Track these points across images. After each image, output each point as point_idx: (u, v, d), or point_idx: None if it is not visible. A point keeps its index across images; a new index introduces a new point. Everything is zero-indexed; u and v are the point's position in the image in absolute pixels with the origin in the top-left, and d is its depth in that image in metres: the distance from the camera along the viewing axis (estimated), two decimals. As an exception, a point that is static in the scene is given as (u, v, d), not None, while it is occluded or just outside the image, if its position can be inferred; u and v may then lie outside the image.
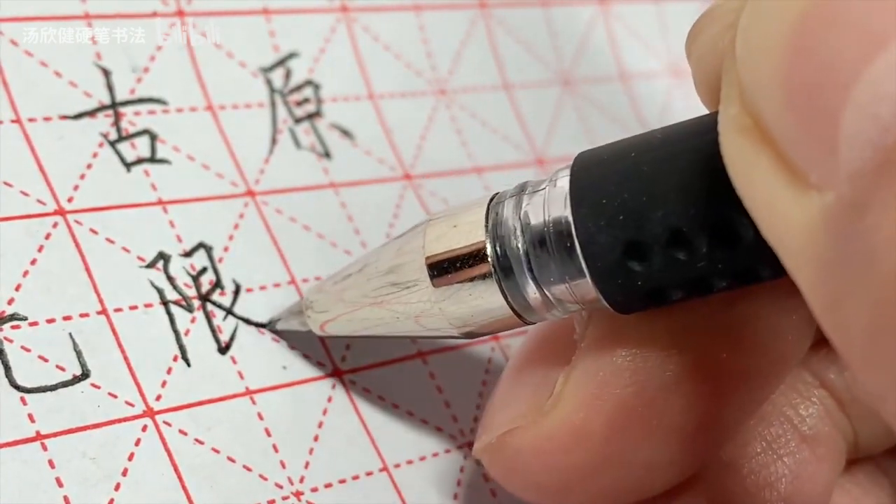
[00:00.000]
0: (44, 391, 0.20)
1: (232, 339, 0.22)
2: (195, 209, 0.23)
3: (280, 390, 0.22)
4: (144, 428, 0.21)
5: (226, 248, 0.23)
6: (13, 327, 0.20)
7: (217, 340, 0.22)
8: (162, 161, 0.23)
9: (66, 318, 0.21)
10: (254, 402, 0.22)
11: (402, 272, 0.20)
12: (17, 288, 0.21)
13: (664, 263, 0.17)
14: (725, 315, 0.19)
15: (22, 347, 0.20)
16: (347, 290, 0.22)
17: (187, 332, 0.22)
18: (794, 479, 0.21)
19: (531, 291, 0.19)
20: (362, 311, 0.21)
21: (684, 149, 0.17)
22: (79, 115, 0.23)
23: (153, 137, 0.24)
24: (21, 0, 0.23)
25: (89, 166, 0.23)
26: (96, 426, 0.20)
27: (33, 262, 0.21)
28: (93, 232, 0.22)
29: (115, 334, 0.21)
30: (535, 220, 0.19)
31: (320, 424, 0.23)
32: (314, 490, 0.22)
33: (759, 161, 0.15)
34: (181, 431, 0.21)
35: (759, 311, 0.19)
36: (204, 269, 0.23)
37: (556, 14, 0.32)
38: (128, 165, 0.23)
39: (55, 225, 0.22)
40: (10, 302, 0.20)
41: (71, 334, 0.21)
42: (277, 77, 0.26)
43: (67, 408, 0.20)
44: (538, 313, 0.19)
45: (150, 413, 0.21)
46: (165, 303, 0.22)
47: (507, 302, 0.19)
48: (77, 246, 0.22)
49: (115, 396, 0.21)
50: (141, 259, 0.22)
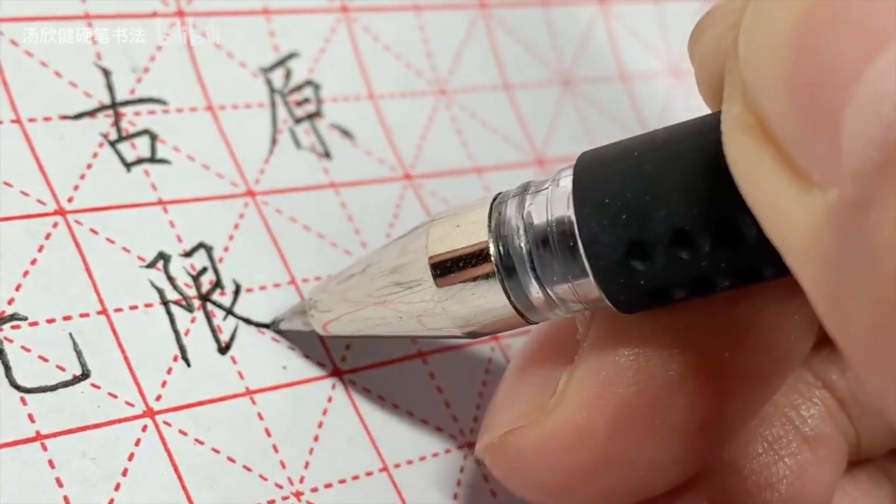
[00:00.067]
0: (44, 391, 0.20)
1: (232, 339, 0.22)
2: (195, 209, 0.23)
3: (280, 390, 0.22)
4: (144, 428, 0.21)
5: (226, 248, 0.23)
6: (13, 327, 0.20)
7: (217, 340, 0.22)
8: (162, 161, 0.23)
9: (67, 318, 0.21)
10: (254, 402, 0.22)
11: (405, 272, 0.20)
12: (18, 288, 0.21)
13: (667, 263, 0.17)
14: (728, 315, 0.19)
15: (22, 347, 0.20)
16: (350, 290, 0.21)
17: (187, 332, 0.22)
18: (795, 480, 0.21)
19: (534, 291, 0.19)
20: (365, 310, 0.21)
21: (687, 148, 0.17)
22: (79, 115, 0.23)
23: (153, 137, 0.24)
24: (21, 0, 0.23)
25: (89, 166, 0.23)
26: (96, 426, 0.20)
27: (33, 262, 0.21)
28: (93, 232, 0.22)
29: (116, 334, 0.21)
30: (538, 219, 0.19)
31: (320, 424, 0.23)
32: (314, 490, 0.22)
33: (761, 160, 0.15)
34: (181, 431, 0.21)
35: (761, 311, 0.19)
36: (204, 269, 0.23)
37: (556, 14, 0.32)
38: (128, 165, 0.23)
39: (55, 225, 0.22)
40: (11, 302, 0.20)
41: (71, 334, 0.21)
42: (277, 77, 0.26)
43: (67, 408, 0.20)
44: (541, 313, 0.19)
45: (150, 413, 0.21)
46: (165, 303, 0.22)
47: (510, 301, 0.19)
48: (77, 246, 0.22)
49: (115, 396, 0.21)
50: (141, 259, 0.22)
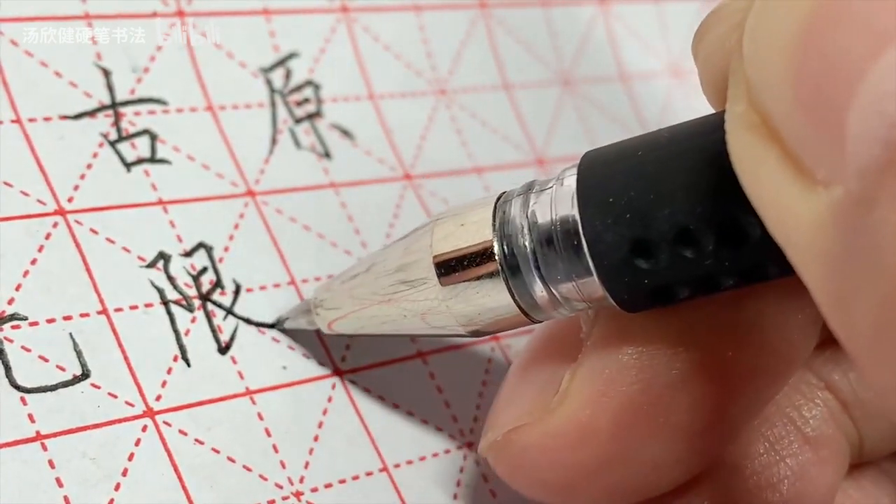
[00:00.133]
0: (44, 391, 0.20)
1: (232, 339, 0.22)
2: (195, 209, 0.23)
3: (280, 390, 0.22)
4: (144, 428, 0.21)
5: (226, 248, 0.23)
6: (13, 327, 0.20)
7: (217, 340, 0.22)
8: (162, 161, 0.23)
9: (67, 318, 0.21)
10: (254, 402, 0.22)
11: (409, 271, 0.20)
12: (18, 288, 0.21)
13: (671, 261, 0.17)
14: (732, 314, 0.19)
15: (22, 347, 0.20)
16: (355, 289, 0.22)
17: (187, 332, 0.22)
18: (796, 481, 0.21)
19: (538, 290, 0.19)
20: (370, 309, 0.21)
21: (690, 147, 0.17)
22: (79, 115, 0.23)
23: (153, 137, 0.24)
24: (21, 0, 0.23)
25: (89, 166, 0.23)
26: (96, 426, 0.20)
27: (33, 262, 0.21)
28: (93, 232, 0.22)
29: (116, 334, 0.21)
30: (543, 218, 0.19)
31: (320, 424, 0.23)
32: (314, 490, 0.22)
33: (766, 158, 0.15)
34: (181, 431, 0.21)
35: (765, 311, 0.19)
36: (204, 269, 0.23)
37: (556, 14, 0.32)
38: (128, 165, 0.23)
39: (55, 225, 0.22)
40: (11, 302, 0.20)
41: (71, 334, 0.21)
42: (277, 77, 0.26)
43: (67, 408, 0.20)
44: (545, 312, 0.20)
45: (150, 413, 0.21)
46: (166, 303, 0.22)
47: (515, 300, 0.19)
48: (77, 246, 0.22)
49: (115, 396, 0.21)
50: (141, 259, 0.22)
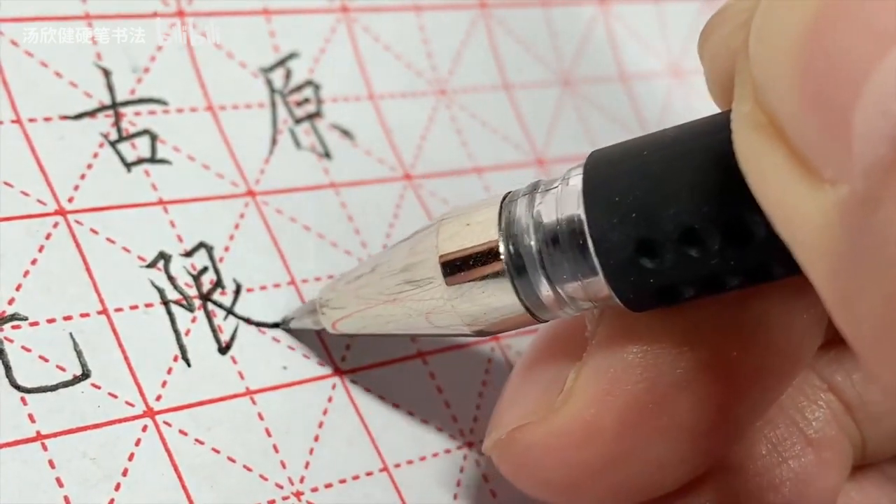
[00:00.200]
0: (44, 391, 0.20)
1: (232, 339, 0.22)
2: (196, 209, 0.23)
3: (280, 390, 0.22)
4: (145, 428, 0.21)
5: (226, 248, 0.23)
6: (13, 327, 0.20)
7: (217, 340, 0.22)
8: (162, 161, 0.23)
9: (67, 318, 0.21)
10: (254, 402, 0.22)
11: (415, 270, 0.20)
12: (18, 288, 0.21)
13: (676, 261, 0.17)
14: (737, 313, 0.19)
15: (22, 347, 0.20)
16: (361, 289, 0.22)
17: (188, 332, 0.22)
18: (798, 483, 0.20)
19: (544, 289, 0.19)
20: (375, 309, 0.21)
21: (696, 147, 0.17)
22: (79, 116, 0.23)
23: (153, 137, 0.24)
24: (21, 0, 0.23)
25: (90, 166, 0.23)
26: (96, 426, 0.20)
27: (34, 262, 0.21)
28: (93, 232, 0.22)
29: (116, 334, 0.21)
30: (548, 218, 0.19)
31: (321, 424, 0.23)
32: (314, 490, 0.22)
33: (772, 157, 0.15)
34: (181, 431, 0.21)
35: (770, 310, 0.19)
36: (205, 269, 0.23)
37: (556, 14, 0.32)
38: (128, 165, 0.23)
39: (55, 225, 0.22)
40: (11, 302, 0.20)
41: (71, 334, 0.21)
42: (277, 77, 0.26)
43: (68, 408, 0.20)
44: (550, 311, 0.19)
45: (150, 413, 0.21)
46: (166, 302, 0.22)
47: (520, 300, 0.19)
48: (77, 246, 0.22)
49: (116, 396, 0.21)
50: (141, 259, 0.22)
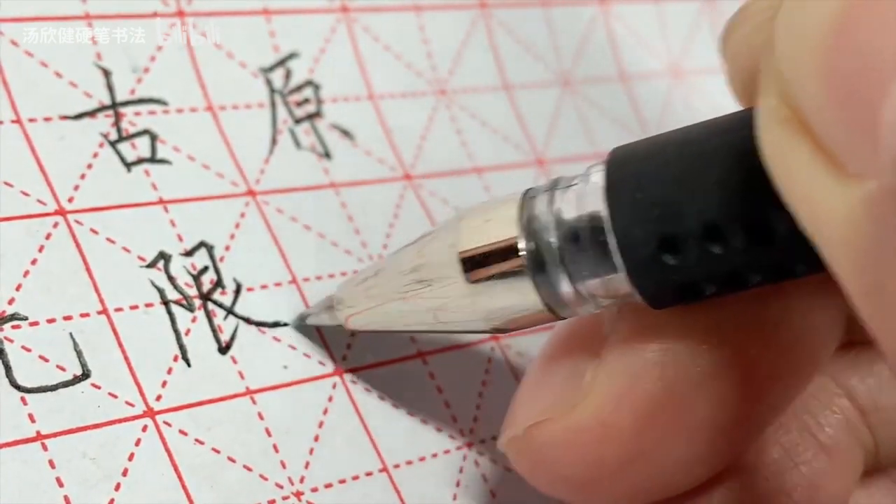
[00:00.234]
0: (44, 391, 0.20)
1: (232, 338, 0.22)
2: (196, 209, 0.23)
3: (280, 390, 0.22)
4: (145, 428, 0.21)
5: (227, 248, 0.23)
6: (14, 327, 0.20)
7: (217, 340, 0.22)
8: (162, 161, 0.23)
9: (67, 318, 0.21)
10: (254, 401, 0.22)
11: (433, 267, 0.20)
12: (18, 288, 0.21)
13: (699, 258, 0.17)
14: (757, 311, 0.19)
15: (22, 347, 0.20)
16: (379, 285, 0.21)
17: (188, 332, 0.22)
18: (809, 488, 0.20)
19: (564, 287, 0.19)
20: (392, 305, 0.21)
21: (720, 143, 0.17)
22: (79, 116, 0.23)
23: (153, 137, 0.24)
24: (21, 0, 0.23)
25: (90, 166, 0.23)
26: (96, 426, 0.20)
27: (34, 262, 0.21)
28: (93, 232, 0.22)
29: (116, 334, 0.21)
30: (569, 214, 0.19)
31: (321, 424, 0.23)
32: (314, 490, 0.22)
33: (798, 152, 0.15)
34: (181, 431, 0.21)
35: (790, 309, 0.19)
36: (205, 269, 0.23)
37: (556, 14, 0.32)
38: (128, 165, 0.23)
39: (55, 225, 0.22)
40: (11, 302, 0.20)
41: (71, 334, 0.21)
42: (277, 77, 0.26)
43: (68, 408, 0.20)
44: (570, 308, 0.19)
45: (150, 413, 0.21)
46: (166, 302, 0.22)
47: (540, 297, 0.19)
48: (77, 246, 0.22)
49: (116, 396, 0.21)
50: (141, 259, 0.22)
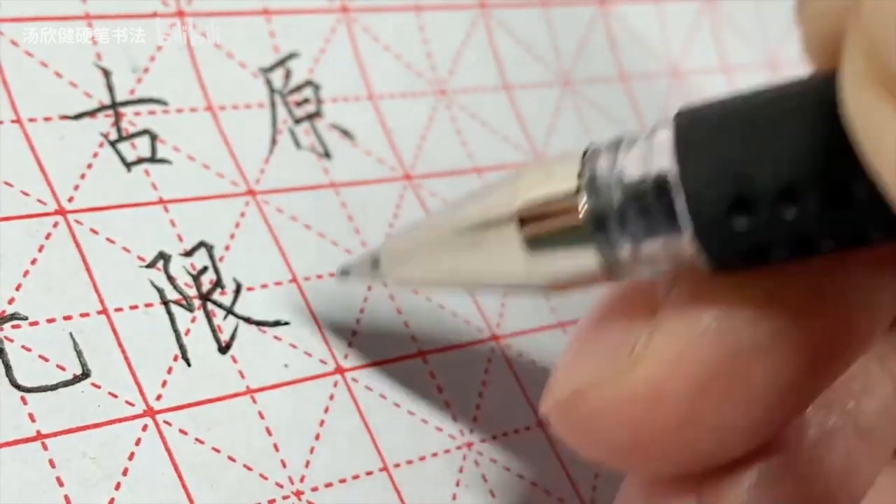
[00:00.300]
0: (44, 391, 0.20)
1: (232, 338, 0.22)
2: (196, 208, 0.23)
3: (281, 389, 0.22)
4: (145, 427, 0.21)
5: (227, 247, 0.23)
6: (13, 327, 0.20)
7: (217, 340, 0.22)
8: (162, 161, 0.23)
9: (67, 318, 0.21)
10: (254, 400, 0.22)
11: (489, 221, 0.20)
12: (18, 288, 0.21)
13: (771, 221, 0.17)
14: (818, 281, 0.18)
15: (22, 347, 0.20)
16: (428, 239, 0.21)
17: (187, 332, 0.22)
18: (845, 473, 0.20)
19: (624, 247, 0.18)
20: (443, 261, 0.21)
21: (798, 105, 0.17)
22: (79, 116, 0.23)
23: (153, 137, 0.24)
24: (21, 0, 0.23)
25: (90, 166, 0.23)
26: (97, 426, 0.20)
27: (34, 261, 0.21)
28: (93, 232, 0.22)
29: (116, 334, 0.21)
30: (635, 173, 0.18)
31: (322, 423, 0.23)
32: (314, 489, 0.22)
33: (886, 115, 0.14)
34: (181, 431, 0.21)
35: (850, 281, 0.19)
36: (205, 269, 0.23)
37: (555, 14, 0.32)
38: (128, 165, 0.23)
39: (55, 225, 0.22)
40: (11, 302, 0.20)
41: (71, 334, 0.21)
42: (277, 77, 0.26)
43: (68, 407, 0.20)
44: (628, 270, 0.19)
45: (150, 413, 0.21)
46: (166, 302, 0.22)
47: (599, 256, 0.19)
48: (77, 246, 0.22)
49: (116, 396, 0.21)
50: (141, 259, 0.22)
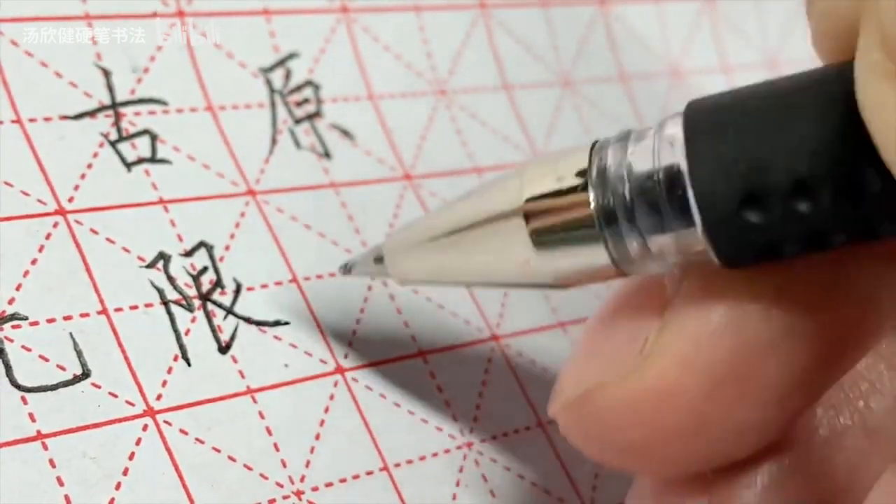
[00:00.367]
0: (44, 391, 0.20)
1: (232, 338, 0.22)
2: (196, 208, 0.23)
3: (282, 388, 0.22)
4: (145, 427, 0.21)
5: (227, 247, 0.23)
6: (14, 327, 0.20)
7: (217, 340, 0.22)
8: (162, 161, 0.23)
9: (67, 318, 0.21)
10: (255, 400, 0.22)
11: (495, 216, 0.19)
12: (18, 288, 0.21)
13: (783, 215, 0.17)
14: (829, 274, 0.18)
15: (22, 347, 0.20)
16: (433, 236, 0.21)
17: (187, 332, 0.22)
18: (853, 471, 0.20)
19: (633, 241, 0.18)
20: (448, 257, 0.20)
21: (812, 98, 0.17)
22: (79, 116, 0.23)
23: (153, 137, 0.24)
24: (21, 0, 0.23)
25: (90, 166, 0.23)
26: (97, 426, 0.20)
27: (34, 262, 0.21)
28: (93, 232, 0.22)
29: (116, 334, 0.21)
30: (643, 167, 0.18)
31: (322, 423, 0.23)
32: (315, 489, 0.22)
33: None
34: (182, 431, 0.21)
35: (860, 273, 0.19)
36: (204, 269, 0.23)
37: (556, 14, 0.32)
38: (128, 165, 0.23)
39: (55, 225, 0.22)
40: (11, 302, 0.20)
41: (71, 334, 0.21)
42: (277, 77, 0.26)
43: (68, 407, 0.20)
44: (637, 265, 0.19)
45: (150, 412, 0.21)
46: (166, 303, 0.22)
47: (607, 251, 0.18)
48: (77, 246, 0.22)
49: (116, 396, 0.21)
50: (141, 259, 0.22)
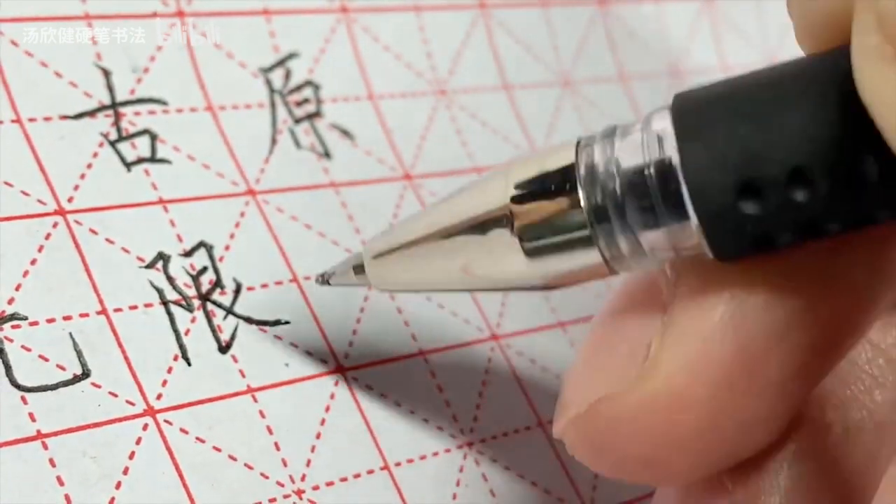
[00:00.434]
0: (44, 390, 0.20)
1: (232, 338, 0.22)
2: (196, 208, 0.23)
3: (282, 388, 0.22)
4: (145, 427, 0.21)
5: (227, 247, 0.23)
6: (13, 327, 0.20)
7: (217, 340, 0.22)
8: (162, 161, 0.23)
9: (67, 318, 0.21)
10: (255, 399, 0.22)
11: (481, 217, 0.19)
12: (18, 288, 0.21)
13: (780, 205, 0.16)
14: (826, 261, 0.18)
15: (22, 347, 0.20)
16: (415, 241, 0.20)
17: (187, 332, 0.22)
18: (866, 467, 0.20)
19: (624, 238, 0.18)
20: (432, 262, 0.20)
21: (806, 85, 0.16)
22: (79, 115, 0.23)
23: (153, 137, 0.24)
24: (21, 0, 0.23)
25: (89, 166, 0.23)
26: (97, 425, 0.20)
27: (33, 262, 0.21)
28: (93, 232, 0.22)
29: (115, 334, 0.21)
30: (632, 162, 0.18)
31: (322, 422, 0.23)
32: (315, 488, 0.22)
33: None
34: (182, 430, 0.21)
35: (855, 260, 0.18)
36: (204, 269, 0.23)
37: (555, 14, 0.32)
38: (128, 165, 0.23)
39: (55, 225, 0.22)
40: (11, 302, 0.20)
41: (71, 334, 0.21)
42: (277, 77, 0.26)
43: (68, 407, 0.20)
44: (629, 262, 0.18)
45: (150, 412, 0.21)
46: (165, 303, 0.22)
47: (598, 249, 0.18)
48: (77, 246, 0.22)
49: (116, 395, 0.21)
50: (141, 259, 0.22)
